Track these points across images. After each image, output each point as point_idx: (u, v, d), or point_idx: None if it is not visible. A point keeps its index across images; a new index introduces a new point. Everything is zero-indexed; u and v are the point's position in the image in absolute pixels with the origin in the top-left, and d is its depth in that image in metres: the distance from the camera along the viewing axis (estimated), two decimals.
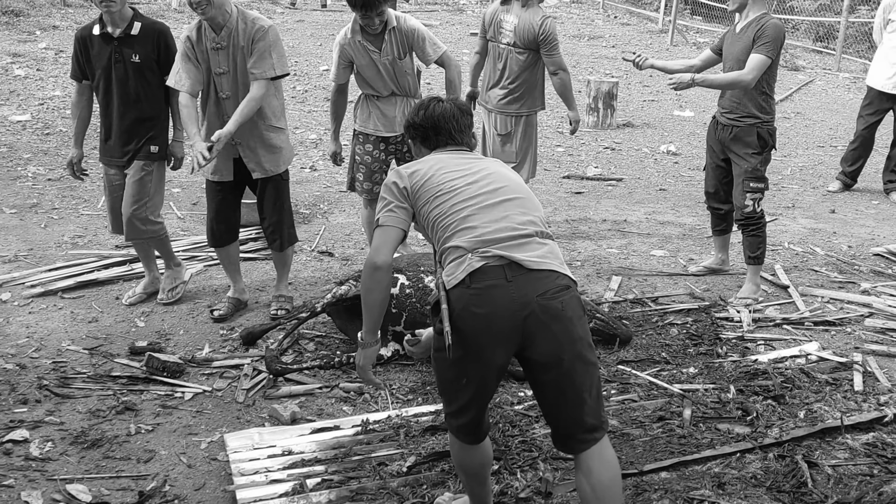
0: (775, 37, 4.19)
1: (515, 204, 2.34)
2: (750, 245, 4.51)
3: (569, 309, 2.21)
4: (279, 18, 15.11)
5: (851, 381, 3.54)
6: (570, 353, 2.20)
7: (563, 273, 2.26)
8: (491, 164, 2.50)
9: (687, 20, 17.31)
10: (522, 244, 2.25)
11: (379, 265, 2.29)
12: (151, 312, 4.15)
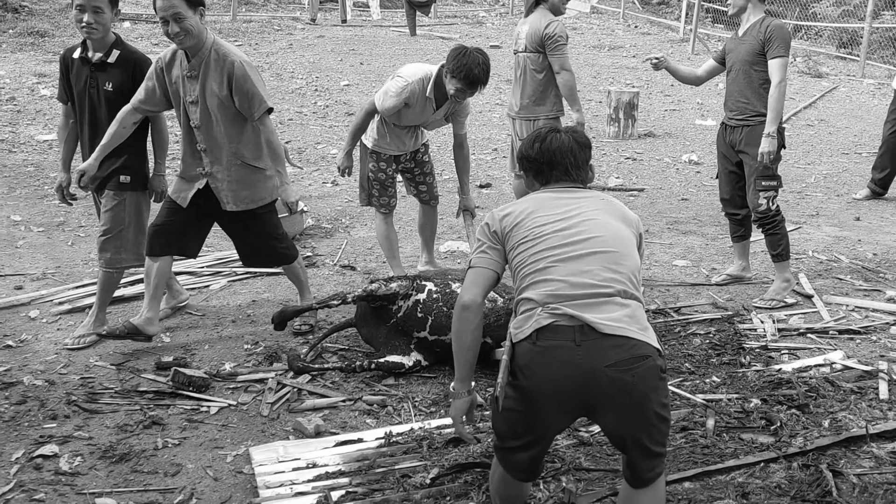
0: (783, 36, 4.33)
1: (603, 258, 2.16)
2: (771, 243, 4.56)
3: (642, 383, 2.03)
4: (300, 34, 15.29)
5: (877, 389, 3.51)
6: (638, 431, 2.09)
7: (642, 341, 2.06)
8: (594, 207, 2.29)
9: (708, 28, 17.26)
10: (599, 304, 2.08)
11: (467, 304, 2.20)
12: (177, 328, 4.21)
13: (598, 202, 2.34)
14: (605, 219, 2.27)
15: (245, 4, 17.05)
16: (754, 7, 4.45)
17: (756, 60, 4.41)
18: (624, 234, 2.26)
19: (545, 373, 2.06)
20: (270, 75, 11.70)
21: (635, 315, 2.11)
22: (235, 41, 14.30)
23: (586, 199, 2.34)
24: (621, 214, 2.34)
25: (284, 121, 9.26)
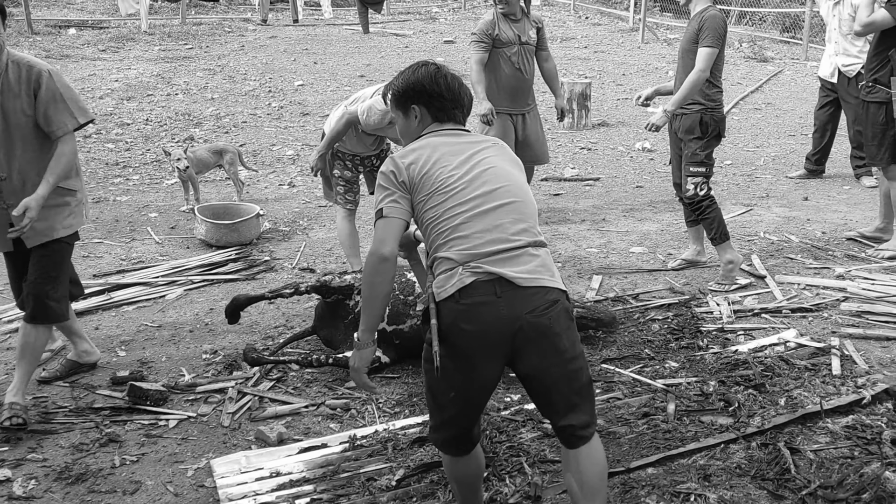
0: (714, 27, 4.38)
1: (510, 209, 2.29)
2: (706, 228, 4.66)
3: (556, 324, 2.23)
4: (251, 36, 15.13)
5: (829, 365, 3.58)
6: (556, 367, 2.26)
7: (553, 287, 2.26)
8: (492, 154, 2.40)
9: (657, 17, 17.45)
10: (514, 257, 2.24)
11: (386, 256, 2.24)
12: (132, 342, 4.14)
13: (492, 148, 2.44)
14: (503, 166, 2.39)
15: (194, 7, 16.80)
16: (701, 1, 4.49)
17: (692, 48, 4.48)
18: (521, 180, 2.42)
19: (473, 326, 2.20)
20: (223, 78, 11.57)
21: (545, 263, 2.30)
22: (185, 44, 14.11)
23: (480, 145, 2.42)
24: (511, 157, 2.48)
25: (238, 123, 9.16)
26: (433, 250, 2.30)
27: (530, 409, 3.30)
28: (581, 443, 2.31)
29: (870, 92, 4.95)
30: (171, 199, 6.55)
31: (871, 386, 3.35)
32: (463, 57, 13.34)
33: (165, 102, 10.06)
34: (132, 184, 7.02)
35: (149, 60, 12.65)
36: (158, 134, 8.64)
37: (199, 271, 5.02)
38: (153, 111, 9.61)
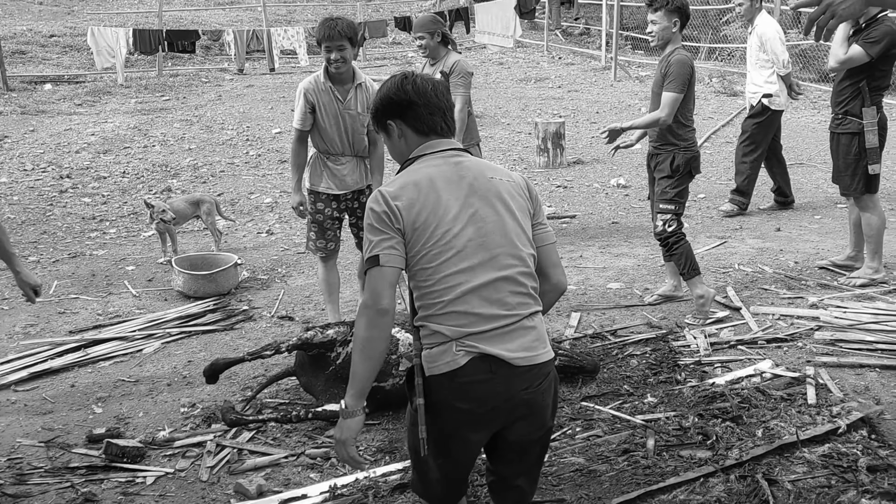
0: (680, 72, 4.48)
1: (509, 279, 2.17)
2: (676, 263, 4.74)
3: (546, 396, 2.24)
4: (228, 85, 15.24)
5: (805, 394, 3.61)
6: (536, 436, 2.29)
7: (547, 360, 2.22)
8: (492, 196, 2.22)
9: (628, 55, 17.77)
10: (509, 332, 2.16)
11: (386, 309, 2.10)
12: (109, 397, 4.11)
13: (490, 184, 2.23)
14: (500, 215, 2.21)
15: (171, 59, 16.93)
16: (674, 40, 4.62)
17: (659, 91, 4.60)
18: (512, 226, 2.22)
19: (467, 404, 2.15)
20: (200, 128, 11.63)
21: (539, 333, 2.23)
22: (162, 96, 14.19)
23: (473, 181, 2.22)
24: (512, 190, 2.27)
25: (216, 173, 9.19)
26: (424, 313, 2.19)
27: None
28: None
29: (840, 124, 5.03)
30: (148, 252, 6.54)
31: (845, 415, 3.37)
32: None
33: (142, 154, 10.09)
34: (109, 237, 7.01)
35: (125, 113, 12.71)
36: (135, 186, 8.65)
37: (177, 323, 5.00)
38: (130, 163, 9.63)
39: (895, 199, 7.14)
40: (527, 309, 2.21)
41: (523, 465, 2.33)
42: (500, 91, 14.60)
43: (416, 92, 2.26)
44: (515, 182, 2.31)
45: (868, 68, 4.84)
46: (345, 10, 21.42)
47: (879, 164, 4.96)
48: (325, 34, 4.31)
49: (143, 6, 20.08)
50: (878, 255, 5.07)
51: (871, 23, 4.78)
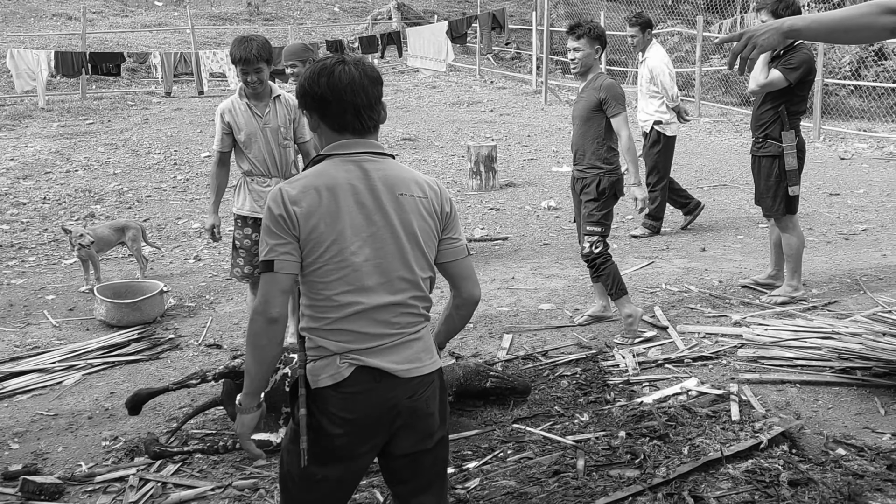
0: (616, 94, 4.62)
1: (400, 303, 2.16)
2: (603, 284, 4.83)
3: (432, 404, 2.21)
4: (156, 108, 14.97)
5: (729, 411, 3.70)
6: (426, 447, 2.23)
7: (432, 371, 2.22)
8: (385, 210, 2.14)
9: (559, 80, 18.14)
10: (395, 346, 2.15)
11: (275, 317, 2.07)
12: (26, 432, 3.94)
13: (397, 203, 2.16)
14: (402, 237, 2.16)
15: (95, 81, 16.53)
16: (595, 66, 4.73)
17: (589, 116, 4.68)
18: (422, 247, 2.19)
19: (352, 414, 2.12)
20: (126, 152, 11.37)
21: (425, 345, 2.22)
22: (86, 119, 13.84)
23: (385, 199, 2.15)
24: (420, 208, 2.19)
25: (142, 198, 8.99)
26: (310, 325, 2.15)
27: None
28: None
29: (761, 147, 5.18)
30: (69, 280, 6.33)
31: (767, 430, 3.46)
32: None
33: (64, 179, 9.80)
34: (28, 266, 6.76)
35: (47, 137, 12.34)
36: (57, 213, 8.38)
37: (99, 354, 4.84)
38: (51, 189, 9.34)
39: (812, 219, 7.43)
40: (414, 327, 2.21)
41: (419, 480, 2.26)
42: (433, 114, 14.71)
43: (330, 87, 2.12)
44: (427, 198, 2.21)
45: (787, 93, 5.02)
46: (276, 33, 21.32)
47: (798, 186, 5.14)
48: (240, 57, 4.24)
49: (66, 28, 19.58)
50: (798, 274, 5.25)
51: (788, 50, 4.98)
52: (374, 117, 2.19)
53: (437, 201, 2.24)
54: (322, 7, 25.22)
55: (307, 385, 2.13)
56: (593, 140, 4.70)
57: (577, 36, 4.65)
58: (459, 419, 3.90)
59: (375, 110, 2.18)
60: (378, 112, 2.20)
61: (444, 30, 16.03)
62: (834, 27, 2.36)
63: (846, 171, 9.74)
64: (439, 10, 23.97)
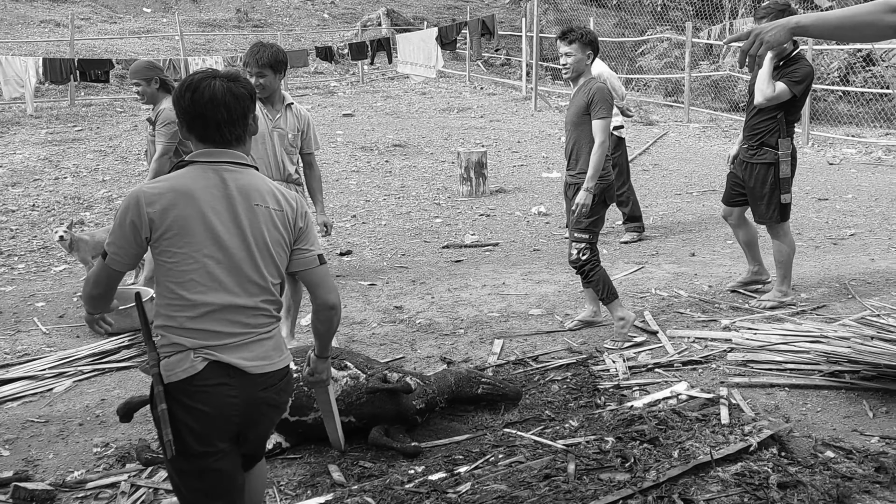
0: (604, 98, 4.63)
1: (251, 306, 2.29)
2: (594, 289, 4.84)
3: (282, 395, 2.44)
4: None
5: (719, 415, 3.72)
6: (271, 425, 2.53)
7: (283, 367, 2.40)
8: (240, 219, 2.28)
9: (549, 86, 18.21)
10: (247, 344, 2.29)
11: (96, 295, 2.37)
12: (17, 439, 3.93)
13: (253, 213, 2.30)
14: (253, 245, 2.30)
15: (83, 88, 16.50)
16: (586, 72, 4.74)
17: (581, 121, 4.70)
18: (273, 255, 2.34)
19: (208, 407, 2.24)
20: (115, 159, 11.35)
21: (276, 343, 2.40)
22: (75, 126, 13.80)
23: (241, 208, 2.29)
24: (275, 219, 2.34)
25: None
26: (163, 323, 2.26)
27: (434, 479, 3.30)
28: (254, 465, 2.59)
29: (755, 154, 5.17)
30: (59, 287, 6.32)
31: (756, 433, 3.49)
32: (362, 129, 13.54)
33: (53, 186, 9.77)
34: (17, 273, 6.75)
35: (35, 144, 12.30)
36: (46, 219, 8.36)
37: (90, 361, 4.84)
38: (40, 196, 9.32)
39: (801, 224, 7.49)
40: (265, 327, 2.37)
41: (258, 451, 2.59)
42: (423, 121, 14.74)
43: (193, 102, 2.27)
44: (282, 211, 2.37)
45: (788, 103, 5.02)
46: (265, 39, 21.31)
47: (790, 194, 5.18)
48: (247, 60, 4.45)
49: (54, 35, 19.53)
50: (787, 280, 5.28)
51: (790, 61, 4.95)
52: (237, 131, 2.33)
53: (292, 215, 2.41)
54: (311, 14, 25.25)
55: (162, 381, 2.24)
56: (585, 145, 4.71)
57: (569, 41, 4.66)
58: (451, 424, 3.92)
59: (239, 125, 2.32)
60: (242, 126, 2.34)
61: (433, 36, 16.08)
62: (840, 24, 2.42)
63: (834, 176, 9.82)
64: (429, 17, 24.04)
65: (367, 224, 8.31)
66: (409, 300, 5.80)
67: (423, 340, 5.01)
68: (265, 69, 4.40)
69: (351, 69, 20.12)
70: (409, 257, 7.13)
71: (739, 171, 5.35)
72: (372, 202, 9.17)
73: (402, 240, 7.72)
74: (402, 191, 9.69)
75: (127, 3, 23.68)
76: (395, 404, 3.71)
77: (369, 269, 6.74)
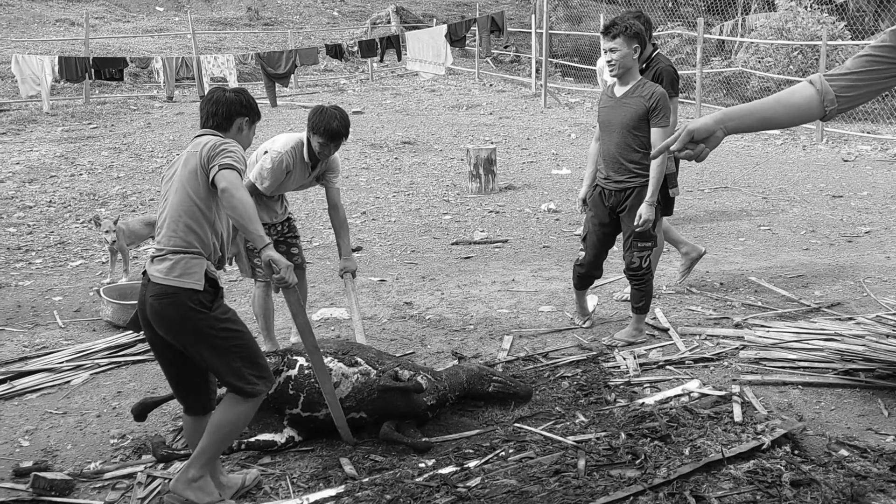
0: (666, 105, 4.42)
1: (171, 221, 3.06)
2: (636, 297, 4.74)
3: (170, 309, 3.00)
4: (158, 113, 15.02)
5: (731, 412, 3.73)
6: (181, 342, 3.05)
7: (171, 285, 2.99)
8: (179, 166, 3.13)
9: (559, 83, 18.18)
10: (158, 258, 3.06)
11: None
12: (36, 430, 3.99)
13: (183, 159, 3.13)
14: (178, 180, 3.09)
15: (98, 86, 16.60)
16: (634, 69, 4.46)
17: (637, 125, 4.42)
18: (184, 189, 3.06)
19: (137, 299, 3.20)
20: (129, 156, 11.42)
21: (175, 266, 3.02)
22: (90, 124, 13.89)
23: (183, 157, 3.14)
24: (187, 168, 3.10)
25: (146, 201, 9.04)
26: None
27: (444, 473, 3.32)
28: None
29: None
30: (75, 282, 6.38)
31: (769, 431, 3.49)
32: (372, 127, 13.57)
33: (69, 183, 9.85)
34: (35, 268, 6.82)
35: (52, 141, 12.39)
36: (62, 216, 8.44)
37: (106, 354, 4.89)
38: (56, 192, 9.39)
39: (815, 221, 7.46)
40: (173, 246, 3.11)
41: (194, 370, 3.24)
42: (432, 118, 14.76)
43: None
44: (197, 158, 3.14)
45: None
46: (275, 38, 21.38)
47: (677, 188, 5.23)
48: (334, 134, 4.36)
49: (69, 34, 19.65)
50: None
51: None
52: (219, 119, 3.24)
53: (199, 157, 3.11)
54: (321, 11, 25.29)
55: None
56: (638, 150, 4.46)
57: (612, 36, 4.33)
58: (461, 419, 3.95)
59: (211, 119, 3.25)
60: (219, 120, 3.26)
61: (443, 33, 16.09)
62: (766, 113, 2.31)
63: (849, 173, 9.78)
64: (438, 14, 24.03)
65: (377, 221, 8.34)
66: (419, 296, 5.82)
67: (433, 336, 5.04)
68: (343, 140, 4.46)
69: (361, 67, 20.15)
70: (419, 254, 7.15)
71: None
72: (381, 199, 9.20)
73: (412, 236, 7.75)
74: (411, 188, 9.71)
75: (140, 2, 23.79)
76: (406, 401, 3.74)
77: (379, 266, 6.77)
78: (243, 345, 3.14)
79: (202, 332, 3.03)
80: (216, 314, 3.08)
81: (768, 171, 10.13)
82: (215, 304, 3.10)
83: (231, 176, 3.00)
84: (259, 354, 3.22)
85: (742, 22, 16.75)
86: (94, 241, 7.50)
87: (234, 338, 3.11)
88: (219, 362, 3.08)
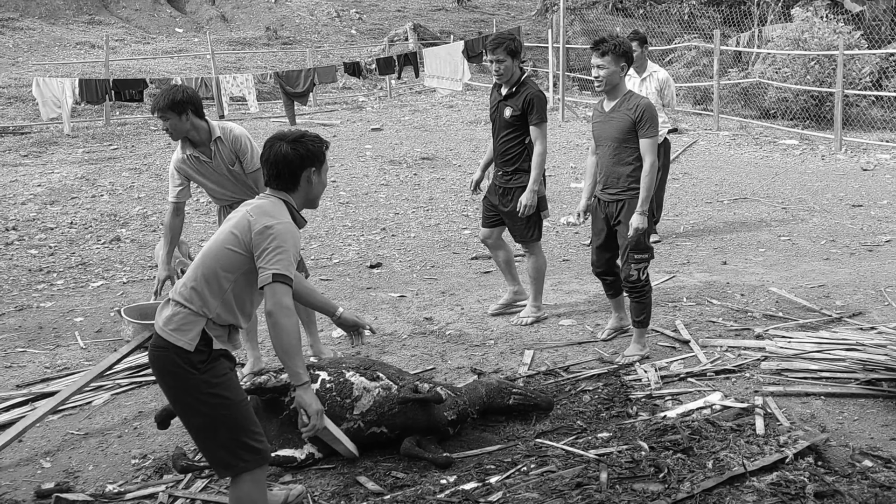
0: (653, 115, 4.51)
1: (195, 271, 2.94)
2: (636, 310, 4.72)
3: (158, 362, 2.91)
4: None
5: (754, 425, 3.69)
6: (169, 396, 2.96)
7: (165, 340, 2.87)
8: (230, 218, 3.04)
9: (576, 96, 18.19)
10: (167, 303, 2.97)
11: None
12: (57, 451, 4.02)
13: (234, 214, 3.05)
14: (217, 235, 3.01)
15: (118, 108, 16.81)
16: (621, 85, 4.56)
17: (626, 138, 4.52)
18: (214, 248, 2.96)
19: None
20: (149, 176, 11.54)
21: (172, 318, 2.90)
22: (110, 145, 14.06)
23: (240, 212, 3.03)
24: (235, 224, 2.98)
25: None
26: None
27: (466, 489, 3.31)
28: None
29: (511, 179, 5.32)
30: (97, 303, 6.44)
31: (792, 443, 3.45)
32: (391, 143, 13.63)
33: (90, 204, 9.96)
34: (56, 289, 6.89)
35: (72, 163, 12.54)
36: (83, 237, 8.53)
37: (127, 374, 4.92)
38: (77, 214, 9.50)
39: (835, 231, 7.38)
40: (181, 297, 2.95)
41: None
42: (450, 133, 14.80)
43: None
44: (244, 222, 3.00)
45: (527, 126, 5.16)
46: (294, 57, 21.57)
47: (548, 210, 5.40)
48: (150, 108, 4.41)
49: (89, 56, 19.95)
50: (540, 295, 5.47)
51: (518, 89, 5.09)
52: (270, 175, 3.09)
53: (245, 227, 2.98)
54: (339, 30, 25.51)
55: None
56: (630, 163, 4.54)
57: (602, 53, 4.47)
58: (482, 434, 3.93)
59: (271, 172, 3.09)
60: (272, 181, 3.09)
61: (460, 49, 16.14)
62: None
63: (869, 182, 9.69)
64: (455, 31, 24.15)
65: (397, 236, 8.36)
66: (439, 311, 5.82)
67: (453, 351, 5.03)
68: (167, 112, 4.30)
69: (379, 84, 20.25)
70: (439, 269, 7.16)
71: (495, 197, 5.45)
72: (401, 215, 9.22)
73: (432, 252, 7.75)
74: (430, 203, 9.73)
75: (160, 24, 24.13)
76: (426, 415, 3.73)
77: (399, 281, 6.78)
78: (231, 416, 2.86)
79: (188, 392, 2.86)
80: (205, 377, 2.85)
81: (787, 181, 10.06)
82: (207, 365, 2.87)
83: (281, 294, 2.81)
84: (250, 429, 2.90)
85: (758, 33, 16.69)
86: (115, 262, 7.58)
87: (221, 405, 2.85)
88: (201, 427, 2.88)
